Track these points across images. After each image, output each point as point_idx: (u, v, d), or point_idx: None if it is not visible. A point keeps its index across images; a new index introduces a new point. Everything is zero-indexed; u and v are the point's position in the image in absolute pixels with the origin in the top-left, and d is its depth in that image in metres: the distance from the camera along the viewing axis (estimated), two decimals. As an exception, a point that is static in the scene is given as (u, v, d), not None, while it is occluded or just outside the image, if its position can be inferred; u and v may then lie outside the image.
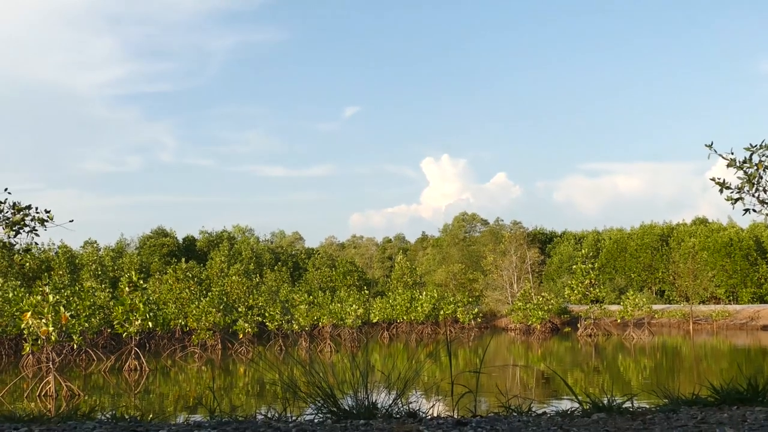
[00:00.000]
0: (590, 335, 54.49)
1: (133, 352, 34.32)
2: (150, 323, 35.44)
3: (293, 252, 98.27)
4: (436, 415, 7.08)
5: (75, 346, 34.76)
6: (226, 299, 50.87)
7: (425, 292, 66.41)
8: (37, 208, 11.13)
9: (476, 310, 66.60)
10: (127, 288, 35.38)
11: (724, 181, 10.29)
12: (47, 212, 11.26)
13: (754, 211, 10.13)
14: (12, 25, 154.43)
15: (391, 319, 64.43)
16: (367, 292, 69.32)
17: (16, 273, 57.79)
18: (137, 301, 34.67)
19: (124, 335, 36.08)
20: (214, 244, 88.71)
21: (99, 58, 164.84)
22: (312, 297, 54.07)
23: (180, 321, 47.56)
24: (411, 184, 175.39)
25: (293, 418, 6.67)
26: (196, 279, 60.88)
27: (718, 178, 10.35)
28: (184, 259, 67.92)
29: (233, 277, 62.81)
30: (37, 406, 22.59)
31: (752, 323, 61.18)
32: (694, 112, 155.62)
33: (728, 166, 10.22)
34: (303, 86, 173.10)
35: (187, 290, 53.53)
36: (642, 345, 47.89)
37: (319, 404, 6.76)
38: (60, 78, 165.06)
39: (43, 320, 26.35)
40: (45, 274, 48.61)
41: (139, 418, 7.22)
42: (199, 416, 12.47)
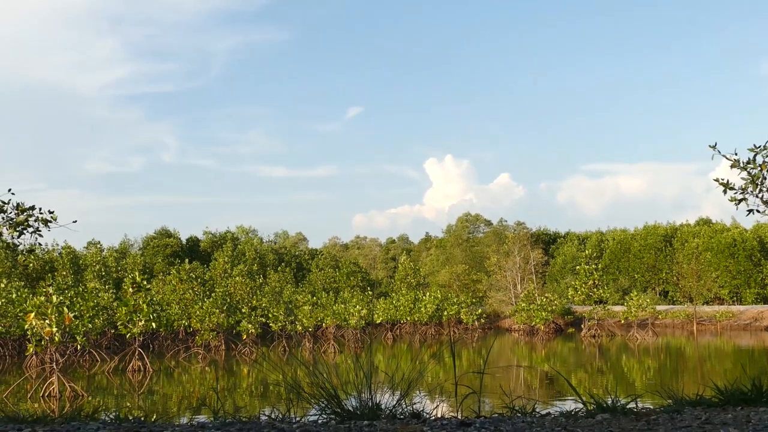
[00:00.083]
0: (594, 336, 54.37)
1: (136, 352, 34.34)
2: (153, 324, 35.43)
3: (297, 253, 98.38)
4: (439, 415, 7.08)
5: (78, 347, 34.73)
6: (229, 300, 50.87)
7: (429, 293, 66.32)
8: (40, 209, 11.10)
9: (480, 310, 66.51)
10: (130, 289, 35.39)
11: (728, 181, 10.29)
12: (51, 213, 11.21)
13: (758, 211, 10.13)
14: (13, 25, 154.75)
15: (395, 320, 64.38)
16: (370, 292, 69.26)
17: (19, 274, 57.96)
18: (141, 302, 34.67)
19: (127, 336, 36.08)
20: (217, 244, 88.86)
21: (100, 58, 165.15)
22: (315, 298, 54.09)
23: (183, 322, 47.59)
24: (414, 184, 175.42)
25: (297, 418, 6.67)
26: (199, 280, 60.97)
27: (722, 179, 10.35)
28: (187, 260, 68.03)
29: (237, 278, 62.88)
30: (40, 407, 22.60)
31: (756, 324, 61.00)
32: (696, 113, 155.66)
33: (732, 166, 10.22)
34: (304, 87, 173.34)
35: (190, 291, 53.57)
36: (646, 346, 47.78)
37: (323, 405, 6.77)
38: (61, 78, 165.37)
39: (47, 321, 26.36)
40: (48, 275, 48.75)
41: (142, 418, 7.22)
42: (203, 417, 12.47)
